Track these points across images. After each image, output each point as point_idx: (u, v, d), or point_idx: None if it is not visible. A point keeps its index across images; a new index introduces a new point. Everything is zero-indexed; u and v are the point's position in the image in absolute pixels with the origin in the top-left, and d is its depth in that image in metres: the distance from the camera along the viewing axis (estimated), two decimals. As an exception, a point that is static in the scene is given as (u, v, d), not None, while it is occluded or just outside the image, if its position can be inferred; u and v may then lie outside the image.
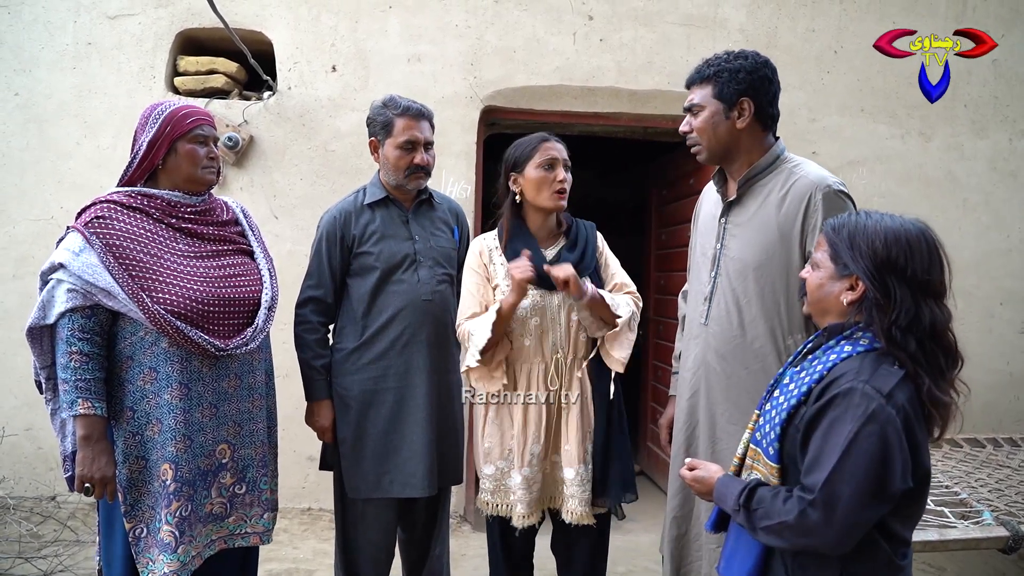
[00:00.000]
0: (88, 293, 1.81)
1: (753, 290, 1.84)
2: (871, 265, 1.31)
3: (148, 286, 1.85)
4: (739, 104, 1.85)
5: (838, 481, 1.23)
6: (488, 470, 2.22)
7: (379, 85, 3.79)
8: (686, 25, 3.98)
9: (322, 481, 3.72)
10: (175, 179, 1.98)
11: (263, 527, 2.07)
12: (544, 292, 2.16)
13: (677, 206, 4.36)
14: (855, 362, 1.30)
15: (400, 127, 2.33)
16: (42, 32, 3.84)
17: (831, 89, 4.04)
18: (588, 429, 2.16)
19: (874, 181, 4.06)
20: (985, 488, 2.81)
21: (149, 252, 1.89)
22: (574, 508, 2.13)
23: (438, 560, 2.58)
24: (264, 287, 2.07)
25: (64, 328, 1.82)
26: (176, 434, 1.89)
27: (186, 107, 2.01)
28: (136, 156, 1.96)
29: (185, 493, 1.89)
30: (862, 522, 1.25)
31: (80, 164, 3.81)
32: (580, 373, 2.17)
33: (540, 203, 2.19)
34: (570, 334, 2.17)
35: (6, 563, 3.03)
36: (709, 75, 1.88)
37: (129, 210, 1.91)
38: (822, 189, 1.79)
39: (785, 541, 1.30)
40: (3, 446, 3.62)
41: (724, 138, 1.88)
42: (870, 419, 1.22)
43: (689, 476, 1.54)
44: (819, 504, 1.24)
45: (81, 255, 1.82)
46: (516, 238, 2.22)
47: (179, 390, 1.89)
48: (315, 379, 2.36)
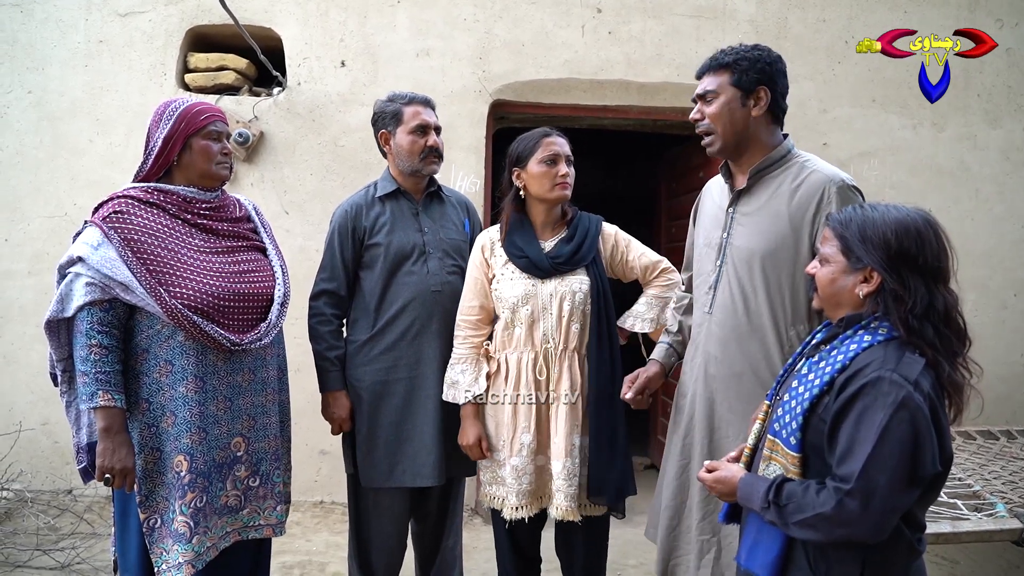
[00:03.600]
0: (106, 287, 1.83)
1: (759, 279, 1.84)
2: (884, 256, 1.33)
3: (165, 280, 1.87)
4: (756, 92, 1.85)
5: (874, 469, 1.24)
6: (485, 461, 2.25)
7: (388, 80, 3.80)
8: (695, 16, 3.96)
9: (334, 474, 3.76)
10: (190, 175, 2.00)
11: (276, 519, 2.09)
12: (536, 281, 2.18)
13: (687, 199, 4.33)
14: (878, 351, 1.32)
15: (410, 114, 2.38)
16: (54, 30, 3.87)
17: (842, 80, 4.01)
18: (577, 422, 2.15)
19: (885, 172, 4.03)
20: (998, 480, 2.80)
21: (166, 247, 1.91)
22: (560, 503, 2.12)
23: (450, 552, 2.60)
24: (277, 283, 2.10)
25: (83, 321, 1.84)
26: (191, 426, 1.91)
27: (199, 104, 2.03)
28: (151, 153, 1.98)
29: (200, 485, 1.92)
30: (898, 509, 1.27)
31: (93, 161, 3.85)
32: (568, 363, 2.17)
33: (544, 196, 2.21)
34: (561, 324, 2.17)
35: (25, 555, 3.08)
36: (727, 63, 1.87)
37: (146, 205, 1.93)
38: (836, 183, 1.79)
39: (821, 534, 1.30)
40: (20, 441, 3.66)
41: (740, 126, 1.87)
42: (901, 406, 1.24)
43: (709, 478, 1.53)
44: (857, 493, 1.25)
45: (100, 249, 1.84)
46: (516, 232, 2.24)
47: (194, 383, 1.92)
48: (329, 370, 2.38)
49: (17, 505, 3.60)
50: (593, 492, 2.15)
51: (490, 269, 2.26)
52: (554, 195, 2.20)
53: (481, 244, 2.30)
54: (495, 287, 2.23)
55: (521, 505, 2.15)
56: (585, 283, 2.19)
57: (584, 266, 2.21)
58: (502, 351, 2.22)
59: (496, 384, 2.23)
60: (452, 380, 2.27)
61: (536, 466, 2.18)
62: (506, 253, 2.23)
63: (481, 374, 2.24)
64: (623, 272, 2.34)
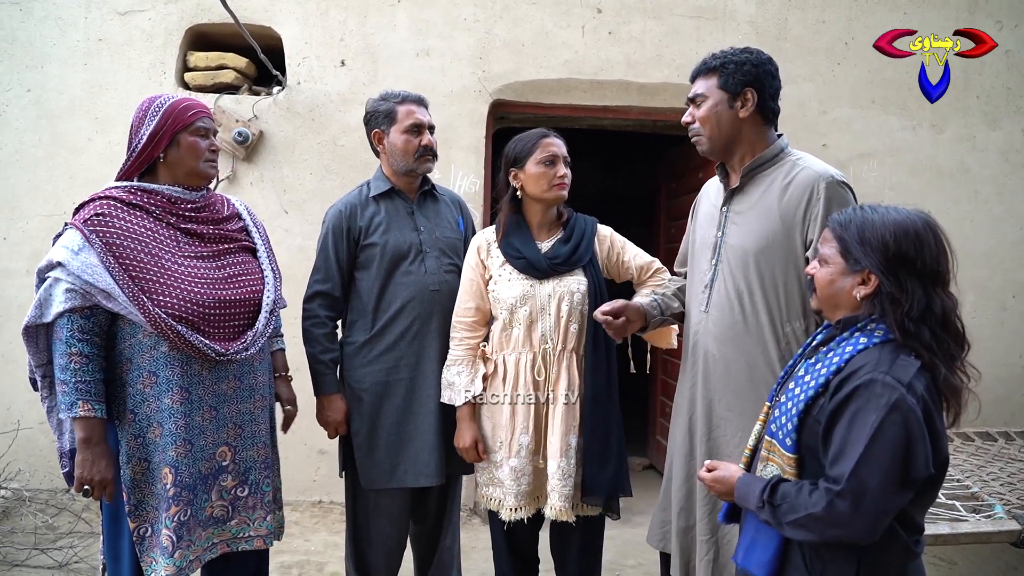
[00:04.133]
0: (87, 294, 1.77)
1: (754, 277, 1.86)
2: (882, 259, 1.33)
3: (148, 288, 1.81)
4: (743, 94, 1.88)
5: (865, 471, 1.24)
6: (482, 463, 2.25)
7: (388, 80, 3.79)
8: (695, 17, 3.96)
9: (333, 474, 3.72)
10: (176, 173, 1.94)
11: (266, 530, 2.03)
12: (534, 281, 2.19)
13: (686, 199, 4.31)
14: (873, 353, 1.32)
15: (403, 113, 2.37)
16: (54, 28, 3.86)
17: (841, 81, 4.01)
18: (573, 423, 2.15)
19: (884, 173, 4.03)
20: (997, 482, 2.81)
21: (149, 252, 1.84)
22: (554, 503, 2.12)
23: (448, 552, 2.59)
24: (266, 288, 2.04)
25: (63, 329, 1.78)
26: (176, 439, 1.86)
27: (185, 100, 1.96)
28: (135, 149, 1.91)
29: (184, 498, 1.87)
30: (890, 510, 1.27)
31: (91, 160, 3.84)
32: (566, 363, 2.17)
33: (541, 196, 2.21)
34: (559, 325, 2.17)
35: (23, 554, 3.07)
36: (714, 66, 1.91)
37: (129, 207, 1.87)
38: (826, 179, 1.81)
39: (813, 534, 1.31)
40: (18, 439, 3.66)
41: (727, 128, 1.91)
42: (893, 409, 1.24)
43: (708, 477, 1.55)
44: (847, 494, 1.25)
45: (80, 254, 1.77)
46: (512, 232, 2.24)
47: (180, 394, 1.87)
48: (324, 373, 2.37)
49: (15, 504, 3.59)
50: (587, 492, 2.15)
51: (487, 271, 2.25)
52: (552, 195, 2.20)
53: (477, 245, 2.30)
54: (492, 288, 2.23)
55: (519, 506, 2.15)
56: (583, 283, 2.19)
57: (581, 267, 2.22)
58: (500, 352, 2.22)
59: (494, 385, 2.23)
60: (449, 381, 2.27)
61: (534, 467, 2.18)
62: (503, 254, 2.23)
63: (478, 375, 2.23)
64: (618, 272, 2.36)
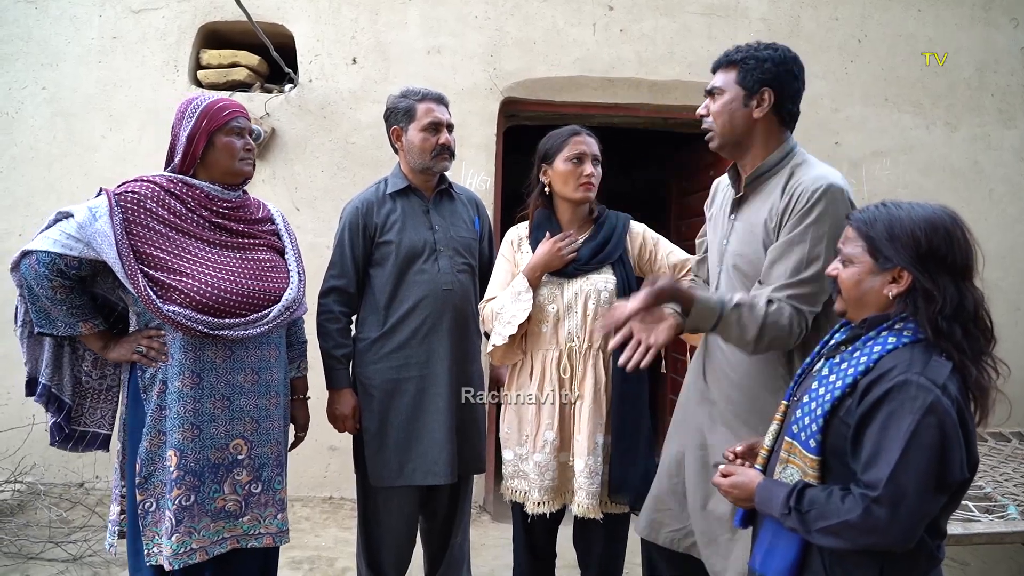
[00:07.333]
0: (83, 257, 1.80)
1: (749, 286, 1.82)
2: (915, 255, 1.29)
3: (167, 270, 1.84)
4: (760, 93, 1.80)
5: (902, 476, 1.21)
6: (507, 455, 2.25)
7: (399, 77, 3.80)
8: (707, 15, 3.95)
9: (343, 471, 3.76)
10: (213, 173, 1.98)
11: (277, 527, 2.03)
12: (562, 280, 2.18)
13: (697, 198, 4.32)
14: (904, 354, 1.29)
15: (422, 111, 2.37)
16: (68, 26, 3.89)
17: (854, 78, 3.99)
18: (600, 421, 2.15)
19: (898, 172, 4.01)
20: (1010, 482, 2.79)
21: (174, 239, 1.89)
22: (581, 500, 2.12)
23: (459, 549, 2.60)
24: (290, 285, 2.06)
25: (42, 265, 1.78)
26: (184, 422, 1.87)
27: (220, 100, 1.99)
28: (178, 151, 1.95)
29: (188, 483, 1.87)
30: (926, 516, 1.24)
31: (105, 157, 3.87)
32: (592, 361, 2.16)
33: (567, 195, 2.21)
34: (585, 323, 2.17)
35: (37, 547, 3.10)
36: (736, 60, 1.83)
37: (167, 194, 1.91)
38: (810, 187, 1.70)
39: (846, 541, 1.26)
40: (33, 434, 3.68)
41: (739, 126, 1.83)
42: (929, 411, 1.21)
43: (725, 483, 1.49)
44: (884, 501, 1.21)
45: (99, 220, 1.81)
46: (542, 227, 2.24)
47: (191, 379, 1.89)
48: (336, 368, 2.38)
49: (29, 498, 3.63)
50: (615, 491, 2.15)
51: (517, 267, 2.25)
52: (578, 195, 2.19)
53: (510, 239, 2.31)
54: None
55: (543, 501, 2.16)
56: (611, 282, 2.19)
57: (610, 264, 2.21)
58: (527, 349, 2.22)
59: (520, 381, 2.23)
60: (497, 310, 2.17)
61: (559, 463, 2.18)
62: (532, 251, 2.22)
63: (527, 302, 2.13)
64: (651, 270, 2.32)
